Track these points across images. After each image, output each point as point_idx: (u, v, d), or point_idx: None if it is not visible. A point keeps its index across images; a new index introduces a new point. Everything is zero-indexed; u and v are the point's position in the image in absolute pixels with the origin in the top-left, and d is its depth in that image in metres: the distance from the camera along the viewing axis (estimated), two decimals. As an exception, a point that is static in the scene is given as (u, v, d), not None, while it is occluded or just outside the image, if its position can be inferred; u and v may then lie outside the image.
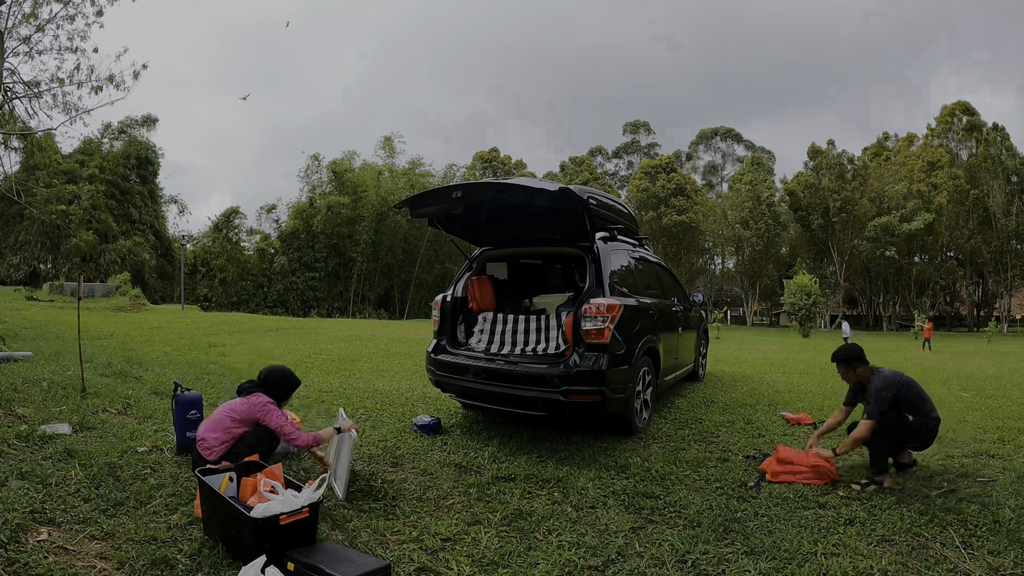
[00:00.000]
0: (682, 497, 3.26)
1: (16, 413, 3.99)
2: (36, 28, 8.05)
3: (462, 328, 5.04)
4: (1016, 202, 39.65)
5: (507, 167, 52.03)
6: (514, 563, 2.49)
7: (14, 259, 35.18)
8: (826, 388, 7.40)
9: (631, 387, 4.35)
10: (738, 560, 2.53)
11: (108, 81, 8.05)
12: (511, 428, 4.70)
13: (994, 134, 41.67)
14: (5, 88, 8.05)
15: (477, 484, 3.40)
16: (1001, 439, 4.70)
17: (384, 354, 10.33)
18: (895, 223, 40.17)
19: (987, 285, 45.22)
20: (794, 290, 30.41)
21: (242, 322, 17.96)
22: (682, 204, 45.20)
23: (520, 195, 4.29)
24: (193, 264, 41.36)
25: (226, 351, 9.58)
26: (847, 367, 3.80)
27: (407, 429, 4.61)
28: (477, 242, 5.42)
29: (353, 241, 40.88)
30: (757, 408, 5.83)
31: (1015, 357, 15.50)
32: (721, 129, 59.83)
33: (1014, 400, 6.75)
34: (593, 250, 4.56)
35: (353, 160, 43.61)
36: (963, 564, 2.50)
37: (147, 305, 22.50)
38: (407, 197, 4.73)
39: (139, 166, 39.60)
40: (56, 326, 11.62)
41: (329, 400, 5.58)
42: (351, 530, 2.75)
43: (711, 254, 53.92)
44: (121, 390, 5.16)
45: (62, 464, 3.16)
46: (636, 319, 4.55)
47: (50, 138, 13.27)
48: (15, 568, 2.16)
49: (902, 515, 3.02)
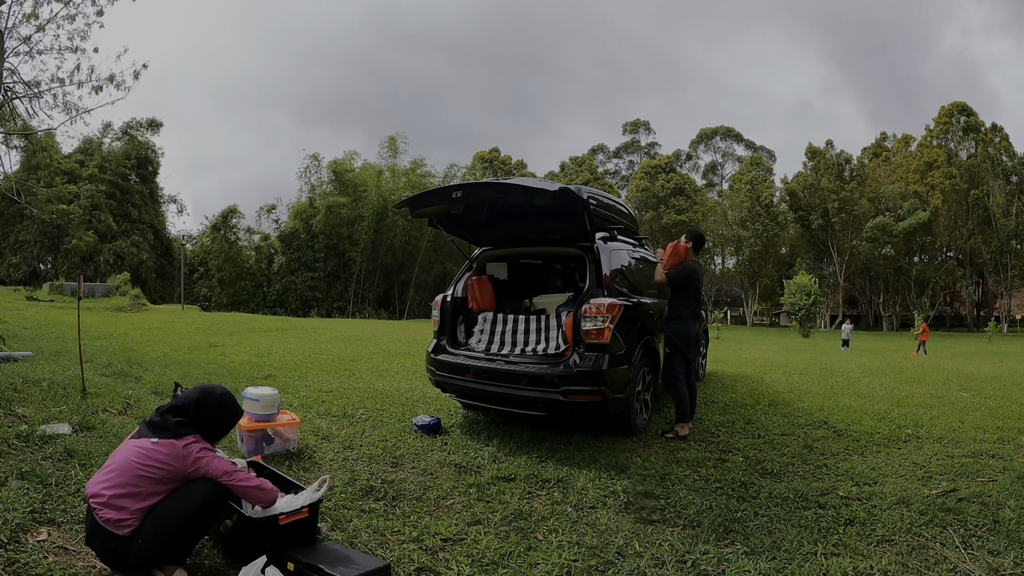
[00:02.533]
0: (682, 497, 3.26)
1: (16, 413, 3.99)
2: (36, 28, 8.05)
3: (462, 328, 5.04)
4: (1016, 202, 39.69)
5: (507, 167, 52.06)
6: (514, 563, 2.49)
7: (14, 259, 35.23)
8: (826, 388, 7.40)
9: (631, 387, 4.35)
10: (738, 560, 2.53)
11: (108, 81, 8.05)
12: (511, 428, 4.70)
13: (992, 134, 41.68)
14: (5, 88, 8.05)
15: (477, 484, 3.40)
16: (1001, 439, 4.70)
17: (384, 354, 10.33)
18: (891, 223, 40.20)
19: (987, 285, 45.24)
20: (794, 290, 30.43)
21: (242, 322, 17.96)
22: (681, 204, 45.25)
23: (520, 195, 4.29)
24: (192, 264, 41.40)
25: (226, 351, 9.58)
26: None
27: (407, 429, 4.61)
28: (477, 242, 5.42)
29: (353, 241, 40.90)
30: (757, 408, 5.83)
31: (1015, 357, 15.51)
32: (721, 129, 59.86)
33: (1014, 400, 6.75)
34: (593, 250, 4.56)
35: (354, 160, 43.67)
36: (963, 564, 2.50)
37: (147, 305, 22.51)
38: (407, 197, 4.74)
39: (139, 166, 39.69)
40: (56, 326, 11.62)
41: (329, 400, 5.58)
42: (351, 530, 2.75)
43: (711, 254, 53.95)
44: (121, 390, 5.16)
45: (62, 464, 3.15)
46: (636, 319, 4.55)
47: (51, 137, 13.25)
48: (15, 568, 2.16)
49: (902, 515, 3.03)
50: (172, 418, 2.32)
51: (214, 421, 2.43)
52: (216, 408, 2.43)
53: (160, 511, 2.13)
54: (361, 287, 42.03)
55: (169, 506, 2.15)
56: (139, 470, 2.14)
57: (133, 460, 2.16)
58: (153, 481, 2.15)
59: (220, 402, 2.46)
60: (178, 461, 2.20)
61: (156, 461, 2.16)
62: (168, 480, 2.19)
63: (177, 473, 2.20)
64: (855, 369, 10.22)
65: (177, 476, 2.20)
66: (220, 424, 2.46)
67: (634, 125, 60.98)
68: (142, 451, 2.18)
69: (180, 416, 2.34)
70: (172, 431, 2.26)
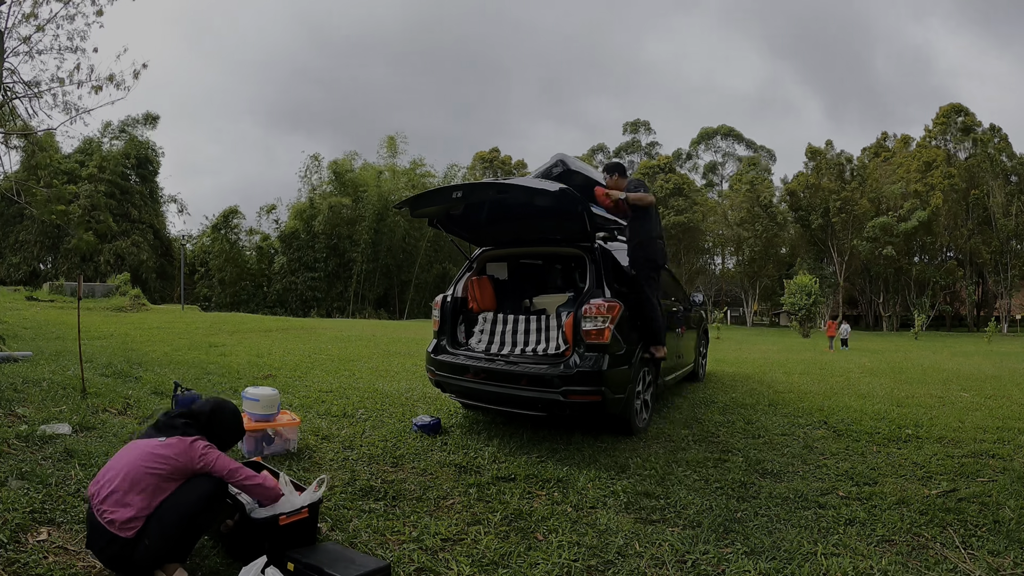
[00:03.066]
0: (682, 497, 3.26)
1: (16, 413, 3.99)
2: (36, 28, 8.05)
3: (462, 328, 5.04)
4: (1015, 202, 39.71)
5: (508, 167, 52.08)
6: (514, 563, 2.49)
7: (14, 259, 35.24)
8: (826, 388, 7.40)
9: (631, 387, 4.35)
10: (738, 560, 2.53)
11: (108, 81, 8.05)
12: (511, 428, 4.70)
13: (990, 135, 41.69)
14: (5, 88, 8.05)
15: (477, 484, 3.40)
16: (1001, 439, 4.70)
17: (384, 354, 10.33)
18: (892, 223, 40.22)
19: (987, 285, 45.25)
20: (794, 290, 30.41)
21: (242, 322, 17.96)
22: (681, 204, 45.23)
23: (520, 195, 4.29)
24: (192, 264, 41.42)
25: (226, 351, 9.58)
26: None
27: (407, 429, 4.61)
28: (477, 242, 5.42)
29: (353, 241, 40.91)
30: (757, 408, 5.83)
31: (1015, 357, 15.51)
32: (722, 128, 59.86)
33: (1014, 400, 6.75)
34: (593, 250, 4.56)
35: (354, 160, 43.68)
36: (963, 564, 2.50)
37: (147, 305, 22.50)
38: (407, 197, 4.74)
39: (139, 165, 39.66)
40: (56, 326, 11.62)
41: (329, 400, 5.58)
42: (351, 530, 2.75)
43: (711, 254, 53.96)
44: (121, 390, 5.16)
45: (62, 464, 3.15)
46: (636, 319, 4.55)
47: (51, 137, 13.29)
48: (15, 568, 2.16)
49: (902, 515, 3.03)
50: (181, 420, 2.39)
51: (224, 432, 2.52)
52: (229, 420, 2.55)
53: (163, 509, 2.14)
54: (361, 287, 42.03)
55: (172, 503, 2.16)
56: (147, 468, 2.16)
57: (140, 459, 2.19)
58: (161, 478, 2.17)
59: (233, 415, 2.59)
60: (186, 456, 2.24)
61: (164, 457, 2.20)
62: (175, 476, 2.21)
63: (185, 468, 2.23)
64: (855, 369, 10.22)
65: (184, 471, 2.23)
66: (229, 435, 2.56)
67: (634, 125, 60.96)
68: (149, 450, 2.22)
69: (189, 419, 2.43)
70: (180, 430, 2.33)
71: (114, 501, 2.11)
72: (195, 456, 2.25)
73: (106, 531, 2.09)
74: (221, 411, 2.54)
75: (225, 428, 2.53)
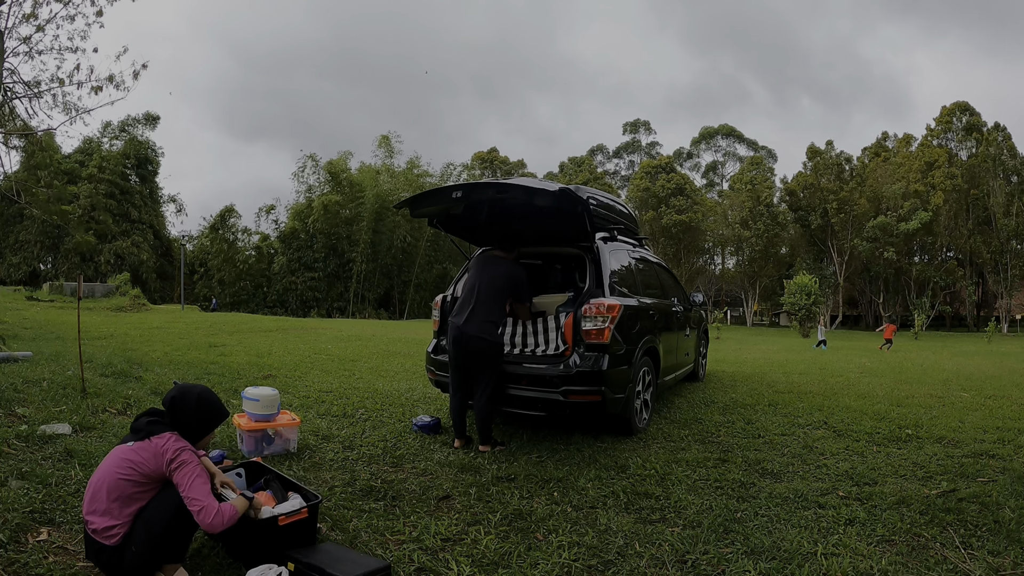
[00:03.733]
0: (682, 497, 3.26)
1: (16, 413, 4.00)
2: (36, 28, 8.06)
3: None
4: (1016, 202, 39.67)
5: (507, 167, 52.08)
6: (514, 563, 2.49)
7: (14, 259, 35.26)
8: (826, 388, 7.40)
9: (631, 387, 4.35)
10: (738, 560, 2.53)
11: (108, 81, 8.06)
12: (511, 428, 4.70)
13: (995, 134, 41.63)
14: (5, 88, 8.06)
15: (477, 484, 3.40)
16: (1001, 439, 4.70)
17: (384, 354, 10.33)
18: (892, 223, 40.19)
19: (987, 285, 45.22)
20: (794, 290, 30.38)
21: (242, 322, 17.96)
22: (681, 204, 45.20)
23: (520, 195, 4.28)
24: (191, 264, 41.42)
25: (226, 351, 9.58)
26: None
27: (407, 429, 4.61)
28: (477, 242, 5.42)
29: (352, 241, 40.92)
30: (757, 408, 5.83)
31: (1015, 357, 15.51)
32: (724, 128, 59.85)
33: (1014, 400, 6.75)
34: (593, 250, 4.55)
35: (349, 160, 43.72)
36: (963, 564, 2.50)
37: (147, 305, 22.52)
38: (407, 197, 4.73)
39: (139, 165, 39.69)
40: (56, 326, 11.62)
41: (329, 400, 5.58)
42: (351, 530, 2.74)
43: (711, 254, 53.92)
44: (121, 390, 5.16)
45: (62, 464, 3.15)
46: (636, 319, 4.55)
47: (51, 138, 13.29)
48: (15, 568, 2.16)
49: (902, 515, 3.03)
50: (145, 420, 2.28)
51: (191, 420, 2.31)
52: (192, 407, 2.32)
53: (148, 512, 2.11)
54: (361, 287, 42.04)
55: (156, 505, 2.13)
56: (120, 475, 2.10)
57: (114, 466, 2.13)
58: (134, 484, 2.11)
59: (197, 401, 2.34)
60: (153, 461, 2.14)
61: (133, 463, 2.12)
62: (148, 482, 2.13)
63: (155, 473, 2.14)
64: (855, 369, 10.23)
65: (156, 476, 2.14)
66: (197, 424, 2.34)
67: (634, 125, 60.98)
68: (121, 455, 2.16)
69: (155, 416, 2.30)
70: (144, 431, 2.22)
71: (94, 510, 2.08)
72: (163, 460, 2.14)
73: (94, 540, 2.08)
74: (183, 399, 2.31)
75: (190, 417, 2.30)
